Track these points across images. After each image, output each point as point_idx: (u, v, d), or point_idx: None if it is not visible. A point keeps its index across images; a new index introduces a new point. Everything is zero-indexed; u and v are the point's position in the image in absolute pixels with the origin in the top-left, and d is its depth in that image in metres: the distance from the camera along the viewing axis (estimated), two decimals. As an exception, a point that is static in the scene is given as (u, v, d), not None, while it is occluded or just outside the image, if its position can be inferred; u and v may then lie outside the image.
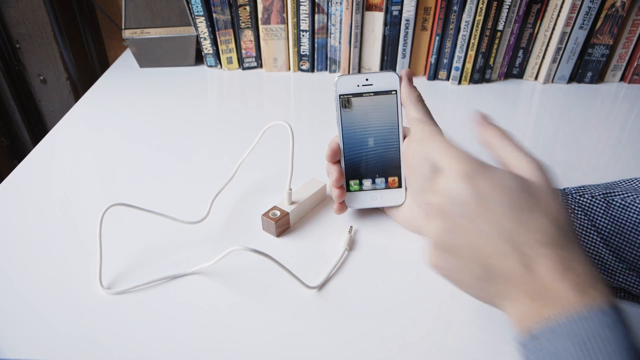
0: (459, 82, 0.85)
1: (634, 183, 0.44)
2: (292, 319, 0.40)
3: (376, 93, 0.47)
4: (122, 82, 0.86)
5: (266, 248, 0.48)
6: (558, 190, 0.31)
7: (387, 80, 0.46)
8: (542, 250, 0.29)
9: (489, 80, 0.85)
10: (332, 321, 0.40)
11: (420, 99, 0.45)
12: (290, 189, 0.49)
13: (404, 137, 0.47)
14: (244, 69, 0.89)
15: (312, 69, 0.88)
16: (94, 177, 0.59)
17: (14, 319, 0.40)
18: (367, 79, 0.46)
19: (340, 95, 0.47)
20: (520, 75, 0.86)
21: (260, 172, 0.59)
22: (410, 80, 0.45)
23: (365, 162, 0.48)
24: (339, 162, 0.48)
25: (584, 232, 0.41)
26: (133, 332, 0.39)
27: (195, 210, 0.52)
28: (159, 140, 0.67)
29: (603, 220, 0.41)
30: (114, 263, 0.46)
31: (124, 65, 0.92)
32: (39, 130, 1.01)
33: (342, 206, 0.49)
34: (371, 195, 0.49)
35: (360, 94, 0.47)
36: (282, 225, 0.49)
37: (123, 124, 0.72)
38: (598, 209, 0.41)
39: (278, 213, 0.49)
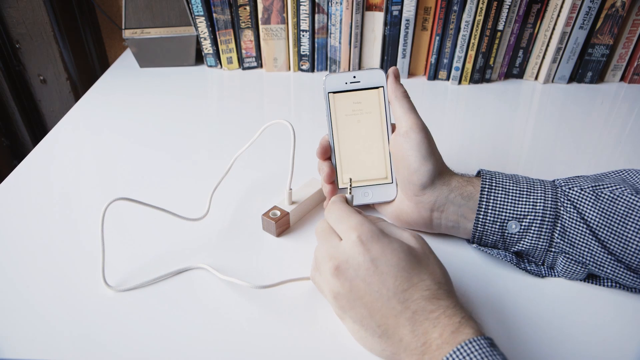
0: (459, 82, 0.85)
1: (623, 174, 0.44)
2: (295, 313, 0.40)
3: (364, 90, 0.47)
4: (122, 82, 0.86)
5: (266, 248, 0.48)
6: (434, 254, 0.37)
7: (375, 77, 0.47)
8: (425, 305, 0.33)
9: (489, 80, 0.85)
10: (332, 318, 0.40)
11: (405, 95, 0.46)
12: (291, 189, 0.49)
13: (392, 132, 0.47)
14: (244, 69, 0.89)
15: (312, 69, 0.88)
16: (94, 177, 0.59)
17: (15, 319, 0.40)
18: (354, 77, 0.47)
19: (329, 93, 0.47)
20: (520, 75, 0.86)
21: (261, 171, 0.59)
22: (396, 77, 0.47)
23: (356, 158, 0.48)
24: (329, 158, 0.49)
25: (573, 225, 0.41)
26: (143, 330, 0.39)
27: (196, 208, 0.52)
28: (159, 140, 0.67)
29: (592, 212, 0.41)
30: (116, 261, 0.46)
31: (124, 65, 0.92)
32: (39, 130, 1.01)
33: None
34: (363, 191, 0.49)
35: (348, 92, 0.47)
36: (282, 225, 0.49)
37: (123, 123, 0.72)
38: (587, 202, 0.41)
39: (278, 213, 0.49)
